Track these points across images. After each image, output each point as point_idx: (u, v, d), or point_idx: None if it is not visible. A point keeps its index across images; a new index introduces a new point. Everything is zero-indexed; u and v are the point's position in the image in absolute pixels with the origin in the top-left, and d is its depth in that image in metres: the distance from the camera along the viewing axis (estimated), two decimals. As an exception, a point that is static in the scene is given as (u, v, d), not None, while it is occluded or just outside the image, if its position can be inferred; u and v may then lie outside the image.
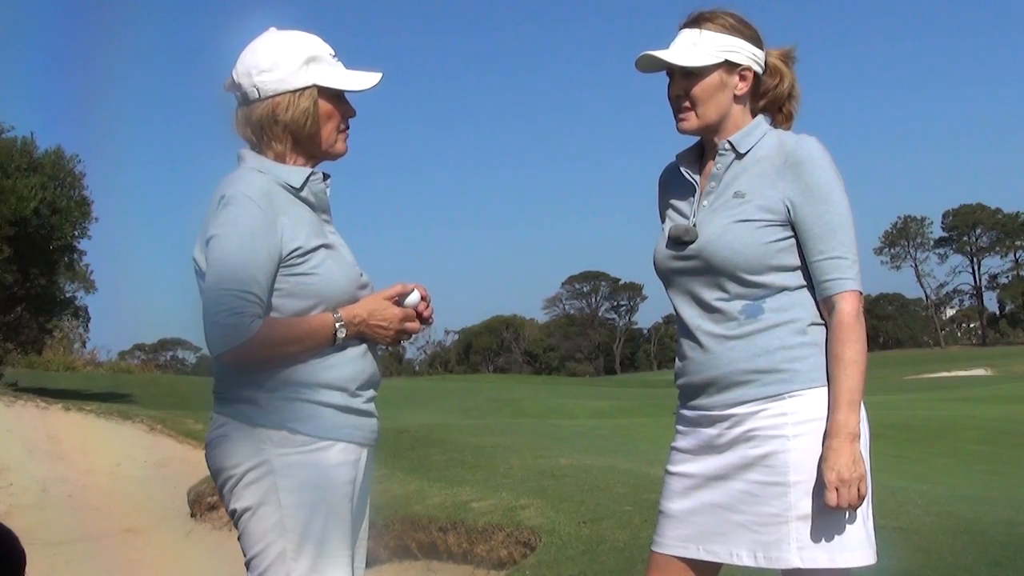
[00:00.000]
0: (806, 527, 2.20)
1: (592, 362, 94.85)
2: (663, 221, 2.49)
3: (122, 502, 9.43)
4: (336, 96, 2.36)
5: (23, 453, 10.72)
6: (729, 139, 2.37)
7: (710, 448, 2.32)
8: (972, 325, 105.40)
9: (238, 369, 2.25)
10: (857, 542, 2.22)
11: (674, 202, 2.46)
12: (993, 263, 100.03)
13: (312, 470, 2.24)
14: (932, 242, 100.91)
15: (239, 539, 2.28)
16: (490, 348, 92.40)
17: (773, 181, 2.30)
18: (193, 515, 8.57)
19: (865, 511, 2.25)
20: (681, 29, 2.39)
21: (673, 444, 2.43)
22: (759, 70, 2.39)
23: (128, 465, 10.59)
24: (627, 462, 7.46)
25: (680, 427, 2.42)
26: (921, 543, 4.63)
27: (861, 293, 2.29)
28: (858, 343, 2.25)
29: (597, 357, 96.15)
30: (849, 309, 2.26)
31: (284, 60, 2.31)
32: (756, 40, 2.39)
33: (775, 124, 2.45)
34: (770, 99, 2.43)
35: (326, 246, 2.31)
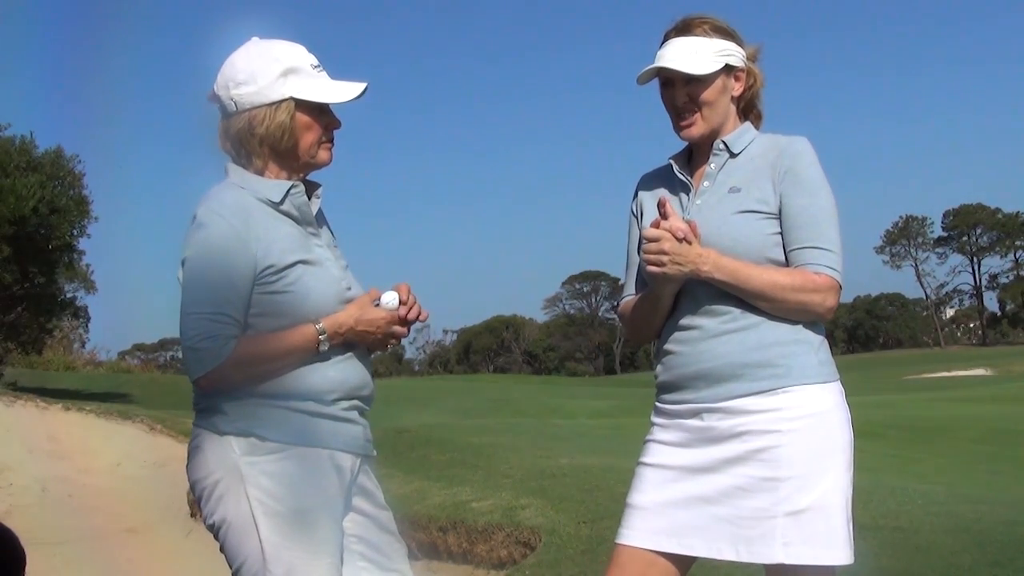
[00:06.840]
0: (792, 523, 2.20)
1: (592, 362, 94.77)
2: (639, 221, 2.48)
3: (122, 502, 9.42)
4: (316, 108, 2.28)
5: (23, 453, 10.71)
6: (723, 139, 2.39)
7: (694, 441, 2.31)
8: (972, 325, 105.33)
9: (219, 392, 2.21)
10: (841, 541, 2.22)
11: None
12: (993, 263, 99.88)
13: (282, 478, 2.18)
14: (932, 242, 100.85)
15: (221, 551, 2.23)
16: (490, 348, 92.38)
17: (767, 175, 2.32)
18: (193, 515, 8.55)
19: (847, 512, 2.24)
20: (671, 37, 2.39)
21: (649, 437, 2.42)
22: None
23: (128, 465, 10.59)
24: (627, 462, 7.40)
25: (659, 420, 2.40)
26: (921, 543, 4.63)
27: (840, 286, 2.27)
28: (803, 292, 2.23)
29: (597, 357, 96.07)
30: (824, 283, 2.24)
31: (261, 73, 2.23)
32: (740, 41, 2.42)
33: (753, 126, 2.47)
34: (747, 99, 2.45)
35: (304, 262, 2.24)
